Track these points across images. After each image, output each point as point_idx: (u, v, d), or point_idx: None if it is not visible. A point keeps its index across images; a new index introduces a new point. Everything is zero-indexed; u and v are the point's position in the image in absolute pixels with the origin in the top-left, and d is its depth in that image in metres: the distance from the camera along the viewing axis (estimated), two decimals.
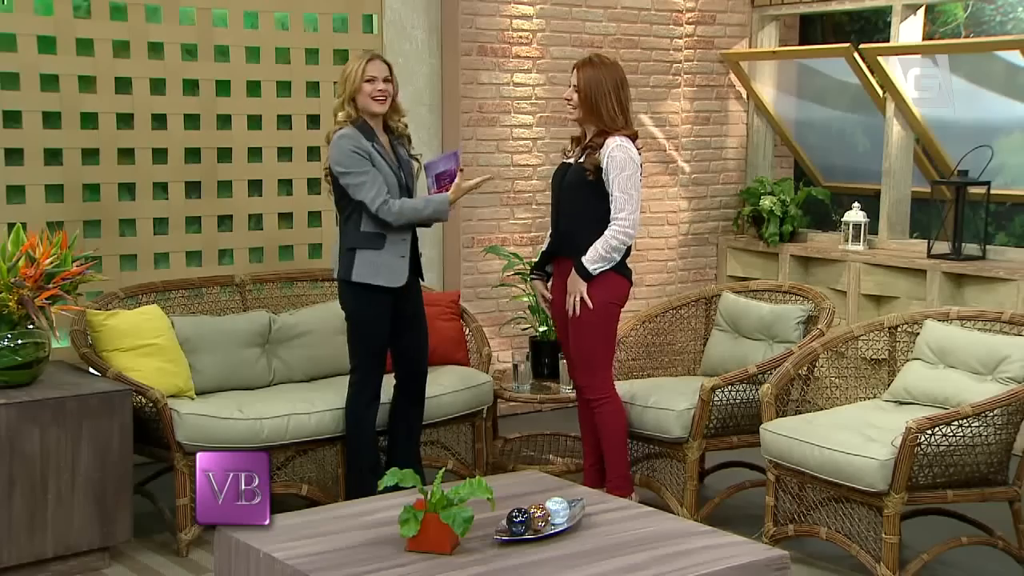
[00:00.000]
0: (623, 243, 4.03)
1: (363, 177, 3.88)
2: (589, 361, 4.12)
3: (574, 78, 4.11)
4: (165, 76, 5.00)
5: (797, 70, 6.46)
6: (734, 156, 6.63)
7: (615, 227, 3.99)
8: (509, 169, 5.88)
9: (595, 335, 4.08)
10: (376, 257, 3.95)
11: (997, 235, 5.83)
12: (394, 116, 4.08)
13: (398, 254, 3.98)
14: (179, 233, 5.10)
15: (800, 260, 6.23)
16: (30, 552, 3.66)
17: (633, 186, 4.01)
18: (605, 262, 4.02)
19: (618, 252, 4.03)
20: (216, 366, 4.34)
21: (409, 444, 4.21)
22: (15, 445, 3.60)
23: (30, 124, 4.71)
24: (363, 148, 3.90)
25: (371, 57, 4.00)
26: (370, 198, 3.88)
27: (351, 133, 3.92)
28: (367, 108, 3.96)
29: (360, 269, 3.95)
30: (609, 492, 3.94)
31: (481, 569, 2.85)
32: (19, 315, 3.70)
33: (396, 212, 3.90)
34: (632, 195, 3.99)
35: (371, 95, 3.94)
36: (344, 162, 3.89)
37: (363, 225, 3.95)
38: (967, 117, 5.72)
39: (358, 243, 3.96)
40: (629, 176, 4.00)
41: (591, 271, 4.01)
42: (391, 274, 3.97)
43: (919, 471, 3.54)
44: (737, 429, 4.27)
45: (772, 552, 3.10)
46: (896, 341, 4.25)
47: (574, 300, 4.05)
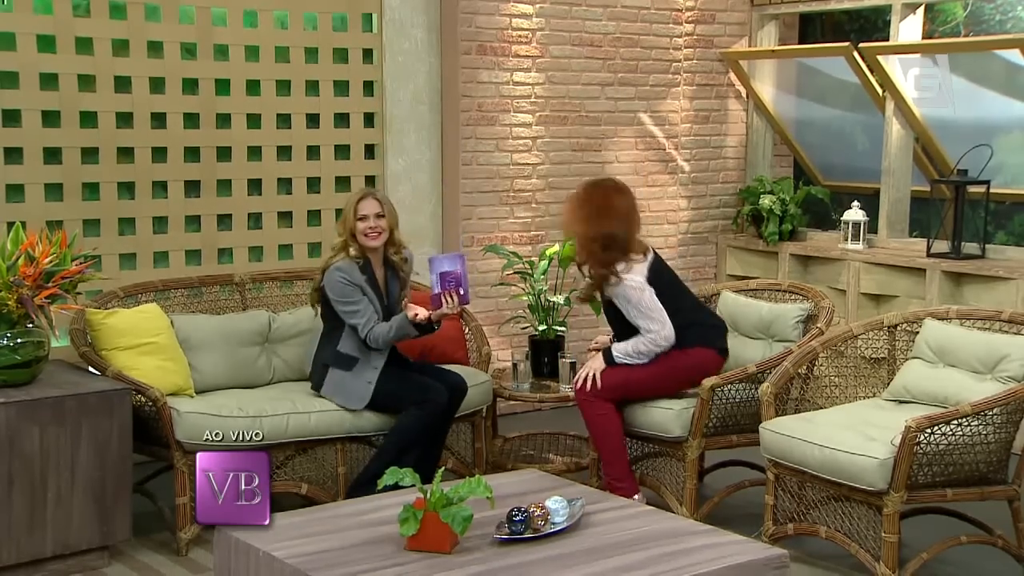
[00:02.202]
0: (654, 350, 4.17)
1: (356, 306, 4.18)
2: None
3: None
4: (164, 75, 5.00)
5: (797, 69, 6.46)
6: (733, 155, 6.63)
7: (647, 338, 4.16)
8: (508, 168, 5.88)
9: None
10: (342, 378, 4.22)
11: (997, 234, 5.83)
12: (391, 249, 4.32)
13: (365, 379, 4.20)
14: (178, 232, 5.10)
15: (799, 259, 6.23)
16: (29, 551, 3.66)
17: (648, 306, 4.14)
18: (631, 358, 4.18)
19: (646, 357, 4.17)
20: (215, 365, 4.34)
21: (433, 450, 4.29)
22: (14, 444, 3.60)
23: (29, 123, 4.71)
24: (355, 281, 4.19)
25: (362, 196, 4.26)
26: (361, 325, 4.18)
27: (345, 267, 4.20)
28: (363, 244, 4.23)
29: (328, 386, 4.24)
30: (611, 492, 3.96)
31: (480, 568, 2.85)
32: (18, 314, 3.70)
33: (375, 337, 4.18)
34: (654, 314, 4.15)
35: (364, 232, 4.20)
36: (337, 291, 4.19)
37: (340, 345, 4.23)
38: (967, 116, 5.72)
39: (331, 361, 4.25)
40: (639, 300, 4.15)
41: (615, 358, 4.19)
42: (351, 396, 4.20)
43: (918, 470, 3.54)
44: (737, 428, 4.27)
45: (771, 551, 3.10)
46: (895, 340, 4.25)
47: (587, 375, 4.18)
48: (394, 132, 5.63)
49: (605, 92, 6.13)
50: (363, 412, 4.21)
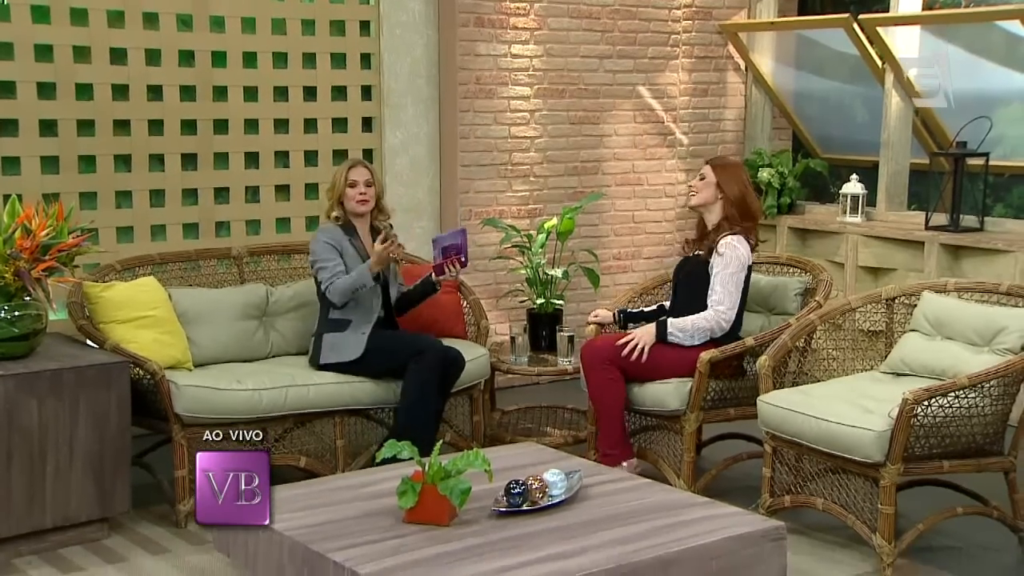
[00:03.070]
0: (712, 331, 4.18)
1: (325, 264, 4.27)
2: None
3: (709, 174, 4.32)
4: (160, 47, 4.97)
5: (796, 41, 6.43)
6: (732, 128, 6.61)
7: (714, 312, 4.18)
8: (507, 141, 5.86)
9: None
10: (336, 338, 4.28)
11: (995, 206, 5.82)
12: (379, 216, 4.45)
13: (359, 333, 4.26)
14: (176, 205, 5.09)
15: (798, 232, 6.23)
16: (29, 523, 3.67)
17: (736, 284, 4.18)
18: (686, 335, 4.17)
19: (702, 335, 4.17)
20: (213, 338, 4.34)
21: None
22: (13, 417, 3.60)
23: (25, 95, 4.69)
24: (335, 240, 4.30)
25: (353, 164, 4.41)
26: (324, 279, 4.26)
27: (329, 228, 4.36)
28: (352, 210, 4.36)
29: (324, 353, 4.28)
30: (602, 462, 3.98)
31: (479, 540, 2.86)
32: (16, 287, 3.69)
33: (334, 289, 4.23)
34: (733, 295, 4.19)
35: (354, 199, 4.32)
36: (315, 252, 4.31)
37: (332, 312, 4.30)
38: (966, 88, 5.70)
39: (325, 329, 4.32)
40: (735, 273, 4.18)
41: (668, 335, 4.17)
42: (346, 350, 4.24)
43: (915, 442, 3.55)
44: (734, 401, 4.27)
45: (768, 523, 3.11)
46: (893, 313, 4.25)
47: (635, 344, 4.17)
48: (392, 105, 5.60)
49: (603, 65, 6.10)
50: (361, 383, 4.21)
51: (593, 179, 6.14)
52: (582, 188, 6.07)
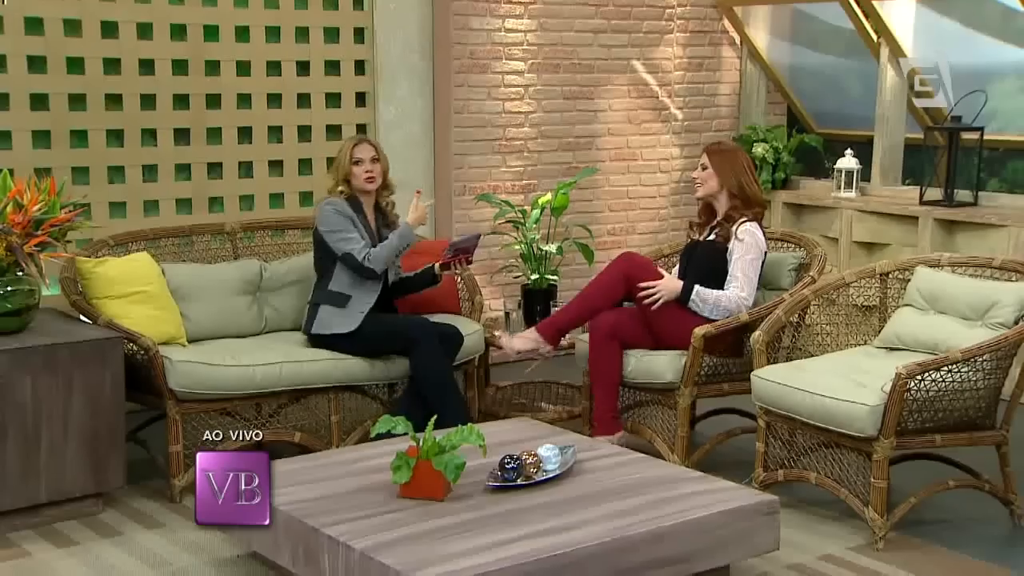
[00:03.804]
0: (732, 312, 4.18)
1: (349, 234, 4.22)
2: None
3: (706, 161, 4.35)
4: (152, 20, 4.94)
5: (791, 15, 6.41)
6: (727, 103, 6.59)
7: (736, 296, 4.19)
8: (500, 116, 5.84)
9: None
10: (333, 312, 4.24)
11: (990, 181, 5.82)
12: (384, 193, 4.39)
13: (357, 310, 4.23)
14: (168, 180, 5.07)
15: (792, 207, 6.22)
16: (24, 497, 3.67)
17: (754, 270, 4.22)
18: (707, 306, 4.18)
19: (722, 313, 4.17)
20: (207, 314, 4.33)
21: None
22: (7, 392, 3.60)
23: (15, 68, 4.66)
24: (346, 213, 4.24)
25: (358, 141, 4.34)
26: (357, 250, 4.19)
27: (336, 201, 4.27)
28: (359, 188, 4.29)
29: (319, 324, 4.25)
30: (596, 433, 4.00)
31: (473, 515, 2.87)
32: (8, 262, 3.68)
33: (375, 258, 4.20)
34: (753, 281, 4.22)
35: (361, 177, 4.27)
36: (330, 223, 4.22)
37: (332, 284, 4.25)
38: (961, 62, 5.69)
39: (323, 300, 4.26)
40: (755, 259, 4.21)
41: (690, 299, 4.19)
42: (342, 323, 4.21)
43: (908, 416, 3.56)
44: (728, 376, 4.28)
45: (762, 497, 3.13)
46: (887, 288, 4.26)
47: (656, 292, 4.18)
48: (385, 80, 5.58)
49: (598, 39, 6.07)
50: (356, 359, 4.21)
51: (587, 154, 6.13)
52: (576, 163, 6.06)
